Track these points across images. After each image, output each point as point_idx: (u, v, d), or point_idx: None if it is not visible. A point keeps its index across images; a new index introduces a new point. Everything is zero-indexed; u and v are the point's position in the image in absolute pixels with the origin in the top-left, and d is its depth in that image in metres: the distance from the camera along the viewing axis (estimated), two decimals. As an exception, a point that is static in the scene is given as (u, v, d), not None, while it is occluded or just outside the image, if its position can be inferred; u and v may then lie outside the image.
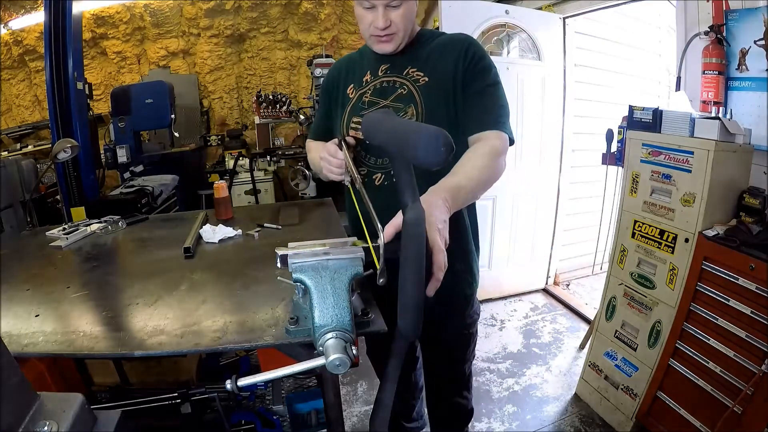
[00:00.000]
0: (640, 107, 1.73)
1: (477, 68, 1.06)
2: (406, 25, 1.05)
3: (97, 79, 4.08)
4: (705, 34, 1.66)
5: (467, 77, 1.06)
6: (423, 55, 1.11)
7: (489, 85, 1.07)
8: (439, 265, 0.71)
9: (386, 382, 0.72)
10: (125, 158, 3.30)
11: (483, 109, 1.06)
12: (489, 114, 1.05)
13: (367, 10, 1.03)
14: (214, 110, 4.46)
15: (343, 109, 1.18)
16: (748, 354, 1.35)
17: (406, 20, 1.04)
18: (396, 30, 1.04)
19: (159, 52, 4.17)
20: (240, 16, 4.06)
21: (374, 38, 1.06)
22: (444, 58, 1.08)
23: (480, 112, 1.05)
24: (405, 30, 1.05)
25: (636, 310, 1.74)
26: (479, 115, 1.05)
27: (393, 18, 1.02)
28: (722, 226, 1.46)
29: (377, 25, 1.02)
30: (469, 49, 1.07)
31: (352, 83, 1.18)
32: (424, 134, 0.62)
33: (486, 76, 1.07)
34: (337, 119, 1.20)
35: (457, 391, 1.43)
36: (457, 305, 1.25)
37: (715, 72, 1.63)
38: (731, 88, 1.64)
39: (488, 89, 1.07)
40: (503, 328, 2.70)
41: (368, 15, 1.03)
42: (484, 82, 1.07)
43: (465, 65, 1.06)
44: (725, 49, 1.62)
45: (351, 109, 1.16)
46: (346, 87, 1.19)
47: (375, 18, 1.02)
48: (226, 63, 4.31)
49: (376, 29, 1.03)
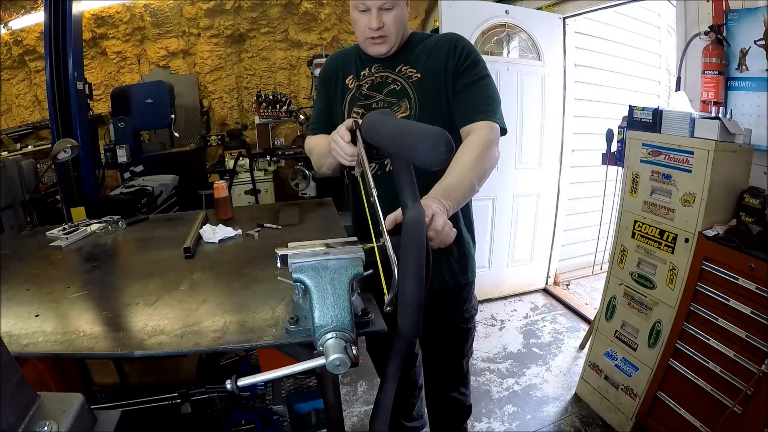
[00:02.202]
0: (640, 107, 1.73)
1: (466, 63, 1.11)
2: (398, 28, 1.10)
3: (97, 79, 4.07)
4: (705, 34, 1.66)
5: (457, 72, 1.11)
6: (415, 54, 1.16)
7: (478, 78, 1.11)
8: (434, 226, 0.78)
9: (386, 381, 0.72)
10: (125, 158, 3.30)
11: (473, 100, 1.10)
12: (479, 105, 1.09)
13: (362, 14, 1.09)
14: (214, 110, 4.45)
15: (342, 97, 1.22)
16: (748, 354, 1.35)
17: (398, 22, 1.10)
18: (388, 32, 1.09)
19: (159, 52, 4.17)
20: (240, 16, 4.06)
21: (368, 41, 1.12)
22: (434, 56, 1.13)
23: (470, 103, 1.10)
24: (397, 32, 1.11)
25: (636, 310, 1.74)
26: (469, 106, 1.10)
27: (386, 20, 1.08)
28: (722, 226, 1.46)
29: (371, 26, 1.07)
30: (457, 44, 1.13)
31: (351, 74, 1.22)
32: (424, 135, 0.62)
33: (474, 69, 1.12)
34: (338, 107, 1.23)
35: (454, 386, 1.44)
36: (454, 293, 1.26)
37: (715, 72, 1.63)
38: (731, 88, 1.64)
39: (477, 82, 1.11)
40: (503, 328, 2.70)
41: (363, 18, 1.09)
42: (474, 75, 1.11)
43: (455, 61, 1.11)
44: (725, 49, 1.62)
45: (351, 98, 1.20)
46: (345, 77, 1.23)
47: (369, 20, 1.07)
48: (226, 63, 4.30)
49: (370, 31, 1.09)
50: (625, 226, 1.77)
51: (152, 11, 3.96)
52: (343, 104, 1.21)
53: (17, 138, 3.95)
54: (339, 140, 0.95)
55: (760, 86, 1.55)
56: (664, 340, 1.62)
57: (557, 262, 3.16)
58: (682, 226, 1.54)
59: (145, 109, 3.35)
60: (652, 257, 1.67)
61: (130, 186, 2.91)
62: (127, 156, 3.30)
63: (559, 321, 2.76)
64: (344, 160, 0.96)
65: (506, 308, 2.93)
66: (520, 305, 2.97)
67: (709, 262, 1.46)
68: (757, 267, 1.31)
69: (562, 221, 3.05)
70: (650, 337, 1.67)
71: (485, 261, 2.89)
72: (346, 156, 0.94)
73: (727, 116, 1.61)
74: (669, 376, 1.62)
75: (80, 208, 1.76)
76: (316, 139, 1.25)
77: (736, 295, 1.39)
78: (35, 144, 3.85)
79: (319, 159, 1.19)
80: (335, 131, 0.98)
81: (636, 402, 1.74)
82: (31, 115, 4.22)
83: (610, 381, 1.87)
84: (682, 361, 1.57)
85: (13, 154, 3.35)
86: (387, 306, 0.68)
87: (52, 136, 2.67)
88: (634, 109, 1.75)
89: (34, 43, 3.85)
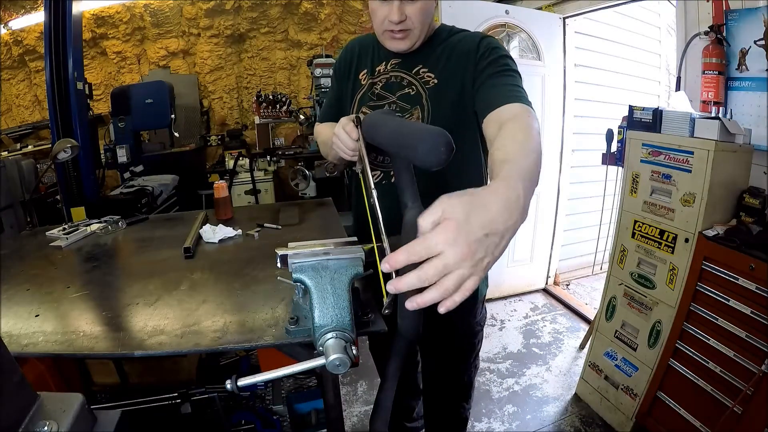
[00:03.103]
0: (640, 107, 1.73)
1: (491, 57, 0.97)
2: (423, 22, 0.96)
3: (97, 79, 4.08)
4: (705, 34, 1.66)
5: (479, 68, 0.97)
6: (435, 55, 1.04)
7: (506, 69, 0.96)
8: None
9: (386, 382, 0.72)
10: (125, 158, 3.30)
11: (502, 88, 0.92)
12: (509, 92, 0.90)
13: (382, 3, 0.94)
14: (214, 110, 4.46)
15: (353, 93, 1.14)
16: (748, 354, 1.35)
17: (424, 16, 0.96)
18: (411, 26, 0.96)
19: (159, 52, 4.17)
20: (240, 16, 4.06)
21: (387, 34, 0.99)
22: (455, 58, 1.02)
23: (500, 91, 0.91)
24: (422, 27, 0.97)
25: (636, 310, 1.74)
26: (499, 94, 0.90)
27: (409, 12, 0.94)
28: (722, 226, 1.46)
29: (392, 18, 0.93)
30: (481, 43, 1.00)
31: (365, 68, 1.13)
32: (424, 135, 0.61)
33: (502, 61, 0.97)
34: (348, 103, 1.16)
35: (456, 400, 1.37)
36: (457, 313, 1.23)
37: (715, 72, 1.63)
38: (731, 88, 1.64)
39: (506, 72, 0.95)
40: (503, 328, 2.70)
41: (383, 8, 0.95)
42: (500, 66, 0.96)
43: (476, 58, 0.98)
44: (725, 49, 1.62)
45: (361, 97, 1.12)
46: (359, 71, 1.14)
47: (390, 11, 0.93)
48: (226, 63, 4.31)
49: (390, 23, 0.95)
50: (625, 226, 1.77)
51: (152, 11, 3.96)
52: (353, 102, 1.13)
53: (17, 138, 3.95)
54: (341, 133, 0.89)
55: (760, 86, 1.55)
56: (664, 340, 1.62)
57: (557, 262, 3.16)
58: (682, 226, 1.54)
59: (145, 109, 3.35)
60: (652, 257, 1.67)
61: (130, 186, 2.91)
62: (127, 156, 3.30)
63: (559, 321, 2.76)
64: (345, 155, 0.92)
65: (506, 308, 2.93)
66: (520, 305, 2.97)
67: (709, 262, 1.46)
68: (757, 267, 1.31)
69: (562, 221, 3.05)
70: (650, 337, 1.67)
71: (485, 261, 2.88)
72: (347, 150, 0.90)
73: (727, 116, 1.61)
74: (669, 376, 1.62)
75: (80, 208, 1.76)
76: (323, 126, 1.21)
77: (736, 295, 1.39)
78: (35, 144, 3.85)
79: (324, 147, 1.14)
80: (338, 125, 0.92)
81: (636, 402, 1.74)
82: (31, 115, 4.23)
83: (610, 381, 1.87)
84: (682, 361, 1.57)
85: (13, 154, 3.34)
86: (385, 309, 0.68)
87: (52, 136, 2.67)
88: (634, 109, 1.75)
89: (34, 43, 3.85)
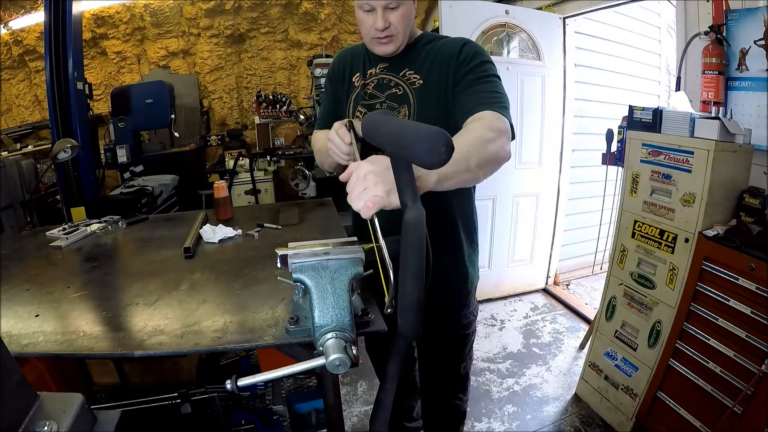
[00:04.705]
0: (640, 107, 1.73)
1: (472, 63, 1.05)
2: (404, 27, 1.07)
3: (97, 79, 4.07)
4: (705, 34, 1.66)
5: (459, 74, 1.05)
6: (420, 59, 1.13)
7: (485, 75, 1.03)
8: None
9: (386, 382, 0.72)
10: (125, 158, 3.30)
11: (478, 95, 1.00)
12: (484, 98, 0.98)
13: (367, 14, 1.05)
14: (214, 110, 4.45)
15: (348, 96, 1.21)
16: (748, 354, 1.35)
17: (405, 21, 1.06)
18: (395, 32, 1.06)
19: (159, 52, 4.16)
20: (240, 16, 4.06)
21: (375, 41, 1.09)
22: (438, 62, 1.10)
23: (475, 97, 1.00)
24: (404, 31, 1.07)
25: (636, 310, 1.74)
26: (474, 100, 0.99)
27: (392, 19, 1.04)
28: (722, 226, 1.46)
29: (377, 26, 1.04)
30: (463, 48, 1.07)
31: (358, 72, 1.21)
32: (424, 135, 0.61)
33: (482, 68, 1.04)
34: (344, 106, 1.23)
35: (452, 392, 1.40)
36: (450, 306, 1.24)
37: (715, 72, 1.63)
38: (731, 88, 1.64)
39: (484, 79, 1.03)
40: (503, 328, 2.70)
41: (368, 18, 1.05)
42: (480, 72, 1.04)
43: (457, 64, 1.06)
44: (725, 49, 1.62)
45: (355, 97, 1.19)
46: (352, 75, 1.22)
47: (375, 20, 1.04)
48: (226, 63, 4.30)
49: (376, 31, 1.05)
50: (625, 226, 1.77)
51: (152, 11, 3.96)
52: (348, 103, 1.21)
53: (17, 138, 3.95)
54: (335, 139, 0.96)
55: (760, 86, 1.55)
56: (664, 340, 1.62)
57: (557, 262, 3.16)
58: (682, 226, 1.54)
59: (145, 109, 3.34)
60: (652, 257, 1.67)
61: (130, 186, 2.91)
62: (127, 156, 3.30)
63: (559, 321, 2.76)
64: (341, 159, 0.98)
65: (506, 308, 2.93)
66: (520, 305, 2.97)
67: (709, 262, 1.46)
68: (757, 267, 1.31)
69: (562, 221, 3.05)
70: (650, 337, 1.67)
71: (485, 261, 2.88)
72: (342, 155, 0.96)
73: (727, 116, 1.61)
74: (669, 376, 1.62)
75: (80, 208, 1.77)
76: (319, 134, 1.25)
77: (736, 295, 1.39)
78: (35, 144, 3.84)
79: (319, 155, 1.19)
80: (332, 130, 0.99)
81: (636, 402, 1.74)
82: (31, 115, 4.22)
83: (610, 381, 1.87)
84: (682, 361, 1.57)
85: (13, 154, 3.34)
86: (387, 308, 0.68)
87: (52, 136, 2.67)
88: (634, 109, 1.75)
89: (34, 43, 3.85)
